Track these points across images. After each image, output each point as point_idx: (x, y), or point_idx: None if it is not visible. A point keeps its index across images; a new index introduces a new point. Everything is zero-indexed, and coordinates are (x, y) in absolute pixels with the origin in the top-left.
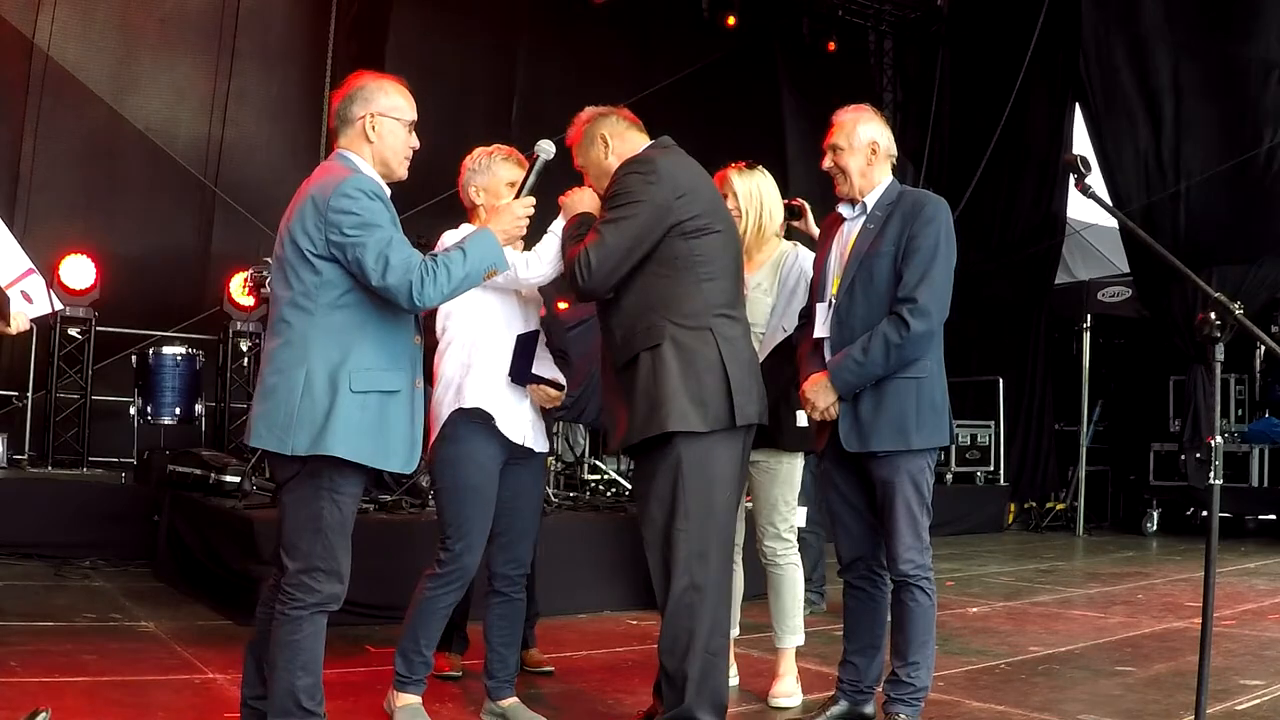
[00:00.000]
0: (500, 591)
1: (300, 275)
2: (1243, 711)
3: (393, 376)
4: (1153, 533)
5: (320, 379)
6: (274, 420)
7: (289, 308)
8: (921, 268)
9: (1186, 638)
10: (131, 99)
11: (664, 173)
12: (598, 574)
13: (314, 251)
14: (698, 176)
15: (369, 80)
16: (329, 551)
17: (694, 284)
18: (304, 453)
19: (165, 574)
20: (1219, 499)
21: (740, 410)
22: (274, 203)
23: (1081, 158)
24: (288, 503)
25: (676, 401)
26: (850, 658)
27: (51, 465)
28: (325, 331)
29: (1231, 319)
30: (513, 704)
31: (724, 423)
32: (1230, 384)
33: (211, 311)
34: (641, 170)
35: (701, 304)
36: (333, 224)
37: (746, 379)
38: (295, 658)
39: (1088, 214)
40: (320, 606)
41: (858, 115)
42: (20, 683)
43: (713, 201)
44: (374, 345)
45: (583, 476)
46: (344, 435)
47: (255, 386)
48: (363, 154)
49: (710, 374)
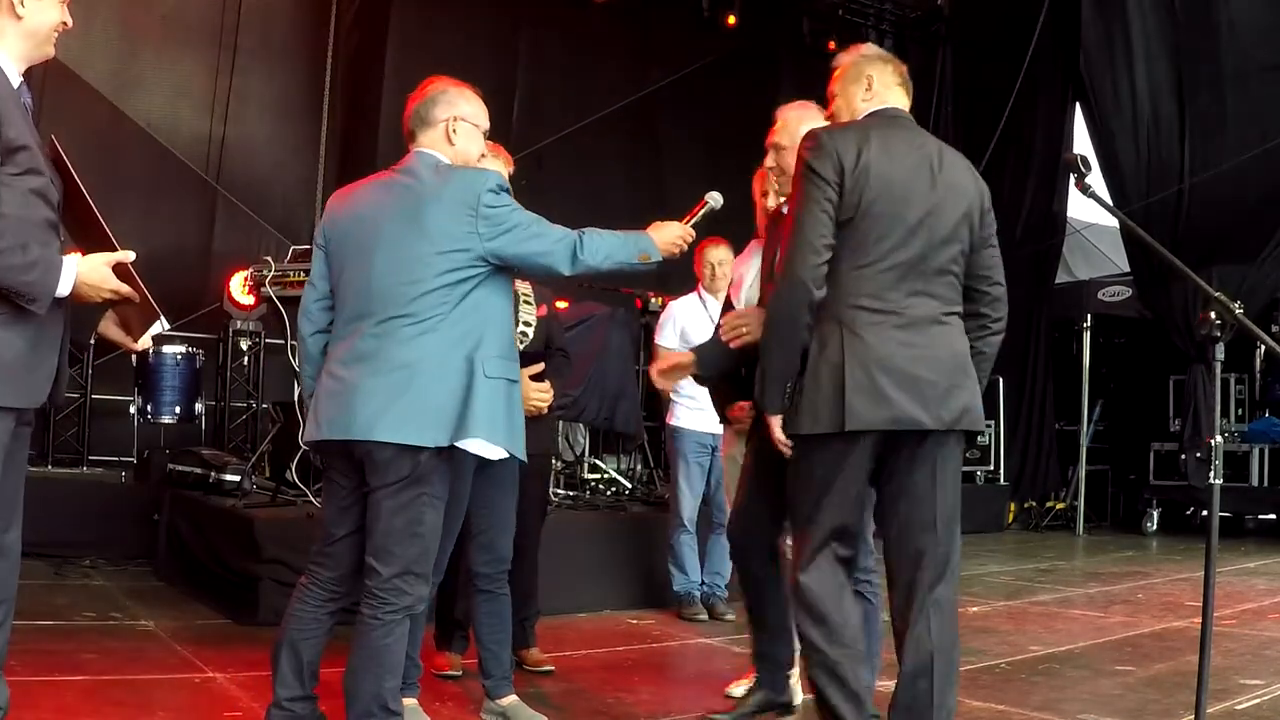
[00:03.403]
0: (484, 589)
1: (436, 269)
2: (1242, 711)
3: (514, 366)
4: (1153, 532)
5: (457, 368)
6: (410, 414)
7: (416, 303)
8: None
9: (1186, 637)
10: (133, 96)
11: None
12: (598, 573)
13: (457, 247)
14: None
15: (449, 85)
16: (425, 555)
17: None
18: (445, 443)
19: (165, 573)
20: (1219, 498)
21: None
22: (275, 201)
23: (1082, 157)
24: (387, 507)
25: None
26: (762, 647)
27: (51, 464)
28: (458, 322)
29: (1231, 318)
30: (512, 702)
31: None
32: (1230, 384)
33: (212, 310)
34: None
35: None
36: (488, 218)
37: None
38: (384, 662)
39: (1088, 213)
40: (410, 609)
41: (801, 112)
42: (20, 682)
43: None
44: (498, 334)
45: (583, 476)
46: (484, 421)
47: (367, 380)
48: (445, 154)
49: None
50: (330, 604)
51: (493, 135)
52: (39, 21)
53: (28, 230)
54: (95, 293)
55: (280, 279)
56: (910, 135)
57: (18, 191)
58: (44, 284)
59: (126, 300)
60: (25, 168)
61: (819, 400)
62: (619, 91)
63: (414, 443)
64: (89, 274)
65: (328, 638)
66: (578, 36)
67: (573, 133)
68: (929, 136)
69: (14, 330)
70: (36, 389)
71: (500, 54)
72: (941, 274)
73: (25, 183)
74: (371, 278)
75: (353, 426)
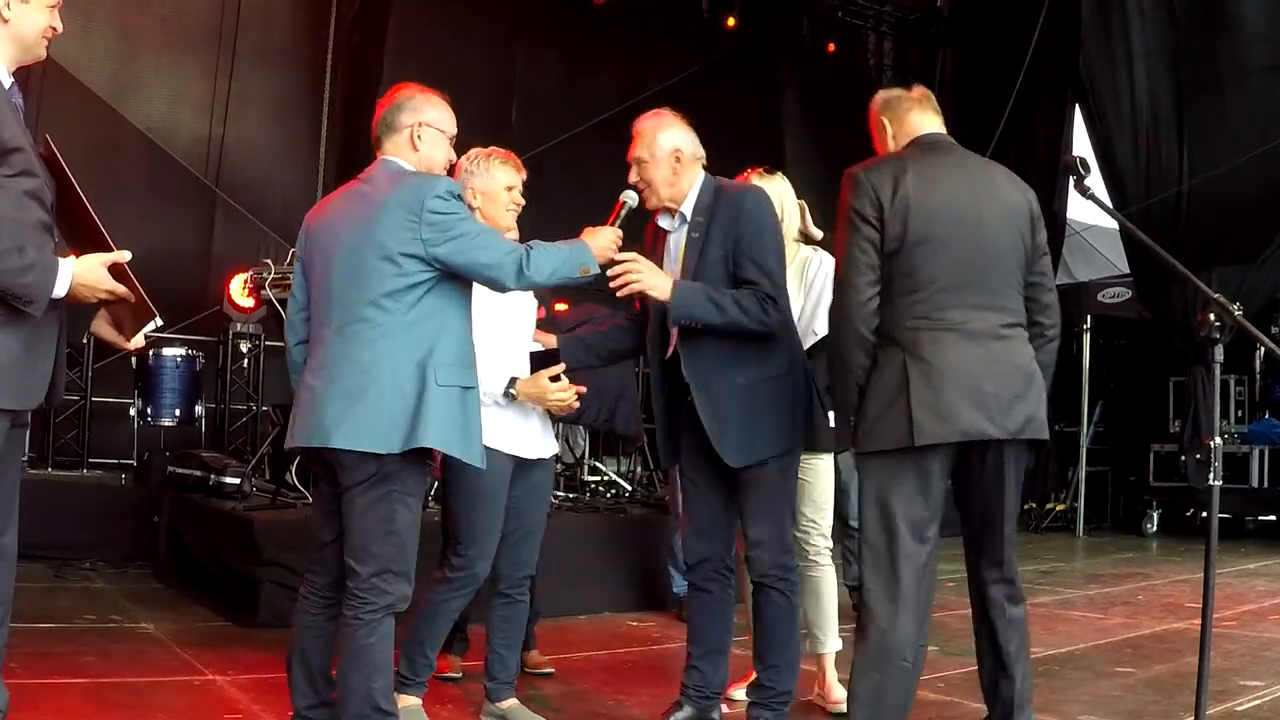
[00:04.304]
0: (504, 593)
1: (385, 276)
2: (1243, 712)
3: (470, 373)
4: (1153, 533)
5: (408, 375)
6: (364, 420)
7: (370, 308)
8: (763, 267)
9: (1186, 638)
10: (132, 99)
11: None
12: (598, 575)
13: (405, 252)
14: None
15: (416, 91)
16: (401, 553)
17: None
18: (398, 450)
19: (165, 576)
20: (1219, 500)
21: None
22: (275, 203)
23: (1081, 159)
24: (358, 507)
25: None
26: (696, 663)
27: (51, 467)
28: (410, 329)
29: (1231, 320)
30: (513, 705)
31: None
32: (1230, 385)
33: (211, 312)
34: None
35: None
36: (433, 224)
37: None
38: (370, 662)
39: (1088, 215)
40: (391, 608)
41: (657, 123)
42: (20, 684)
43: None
44: (453, 341)
45: (583, 478)
46: (435, 428)
47: (328, 387)
48: (409, 161)
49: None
50: (330, 609)
51: (492, 136)
52: (26, 26)
53: (23, 233)
54: (91, 293)
55: (280, 281)
56: (950, 157)
57: (12, 194)
58: (41, 286)
59: (121, 300)
60: (19, 169)
61: (888, 420)
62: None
63: (366, 449)
64: (85, 275)
65: (334, 642)
66: (577, 37)
67: (572, 137)
68: (970, 155)
69: (9, 332)
70: (32, 391)
71: (499, 57)
72: (1000, 288)
73: (19, 185)
74: (332, 287)
75: (314, 434)
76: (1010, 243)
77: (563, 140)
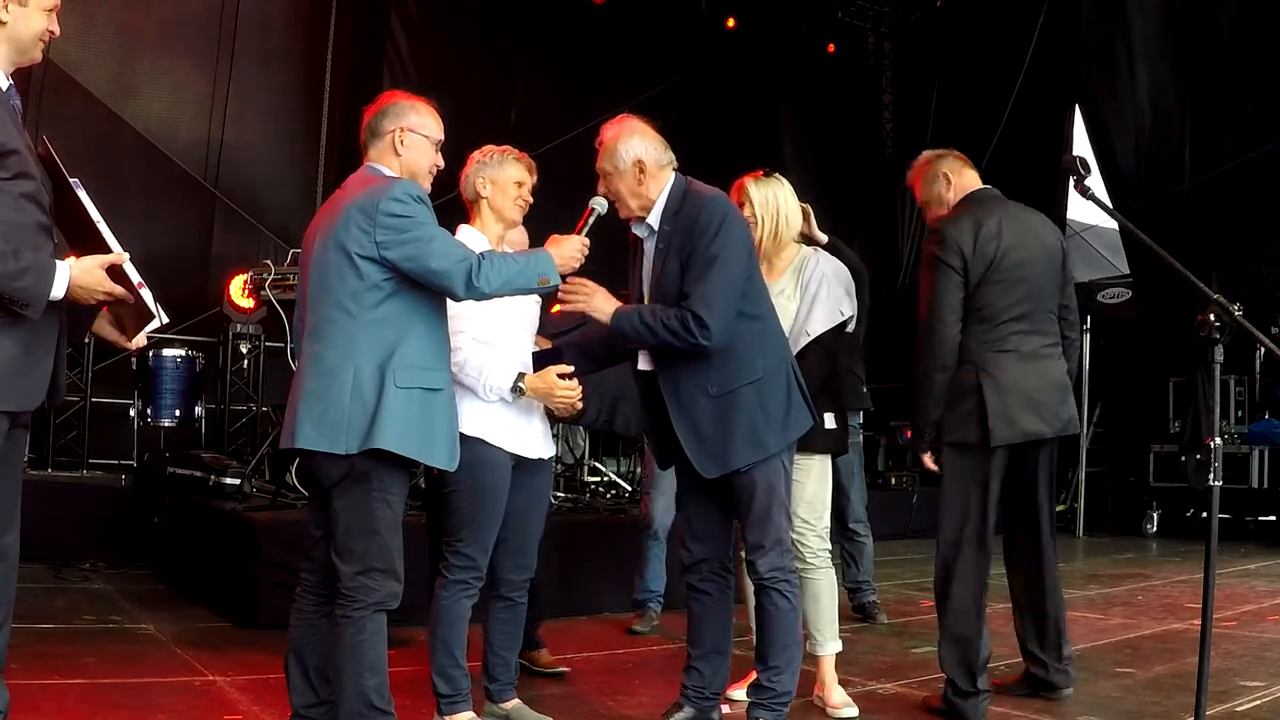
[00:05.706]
0: (504, 596)
1: (346, 278)
2: (1243, 713)
3: (435, 375)
4: (1153, 534)
5: (368, 377)
6: (325, 421)
7: (334, 310)
8: (702, 283)
9: (1186, 639)
10: (131, 101)
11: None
12: (598, 576)
13: (361, 254)
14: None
15: (401, 98)
16: (384, 551)
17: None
18: (355, 450)
19: (165, 576)
20: (1219, 500)
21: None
22: (274, 205)
23: (1081, 159)
24: (338, 507)
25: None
26: (695, 664)
27: (52, 467)
28: (370, 331)
29: (1231, 320)
30: (515, 706)
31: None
32: (1230, 385)
33: (211, 313)
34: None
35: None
36: (386, 226)
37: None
38: (362, 659)
39: (1088, 215)
40: (380, 605)
41: (617, 133)
42: (20, 684)
43: None
44: (417, 344)
45: (583, 479)
46: (391, 430)
47: (299, 389)
48: (391, 167)
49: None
50: (323, 607)
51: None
52: (23, 28)
53: (19, 235)
54: (89, 295)
55: (279, 282)
56: (1005, 209)
57: (9, 196)
58: (37, 290)
59: (121, 300)
60: (15, 172)
61: (972, 423)
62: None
63: (326, 449)
64: (83, 277)
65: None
66: (576, 38)
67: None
68: (1013, 204)
69: (8, 334)
70: (31, 392)
71: (498, 57)
72: (1044, 316)
73: (16, 187)
74: (309, 290)
75: (286, 434)
76: (1051, 277)
77: (563, 142)
